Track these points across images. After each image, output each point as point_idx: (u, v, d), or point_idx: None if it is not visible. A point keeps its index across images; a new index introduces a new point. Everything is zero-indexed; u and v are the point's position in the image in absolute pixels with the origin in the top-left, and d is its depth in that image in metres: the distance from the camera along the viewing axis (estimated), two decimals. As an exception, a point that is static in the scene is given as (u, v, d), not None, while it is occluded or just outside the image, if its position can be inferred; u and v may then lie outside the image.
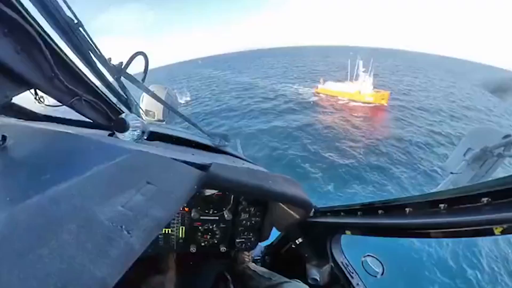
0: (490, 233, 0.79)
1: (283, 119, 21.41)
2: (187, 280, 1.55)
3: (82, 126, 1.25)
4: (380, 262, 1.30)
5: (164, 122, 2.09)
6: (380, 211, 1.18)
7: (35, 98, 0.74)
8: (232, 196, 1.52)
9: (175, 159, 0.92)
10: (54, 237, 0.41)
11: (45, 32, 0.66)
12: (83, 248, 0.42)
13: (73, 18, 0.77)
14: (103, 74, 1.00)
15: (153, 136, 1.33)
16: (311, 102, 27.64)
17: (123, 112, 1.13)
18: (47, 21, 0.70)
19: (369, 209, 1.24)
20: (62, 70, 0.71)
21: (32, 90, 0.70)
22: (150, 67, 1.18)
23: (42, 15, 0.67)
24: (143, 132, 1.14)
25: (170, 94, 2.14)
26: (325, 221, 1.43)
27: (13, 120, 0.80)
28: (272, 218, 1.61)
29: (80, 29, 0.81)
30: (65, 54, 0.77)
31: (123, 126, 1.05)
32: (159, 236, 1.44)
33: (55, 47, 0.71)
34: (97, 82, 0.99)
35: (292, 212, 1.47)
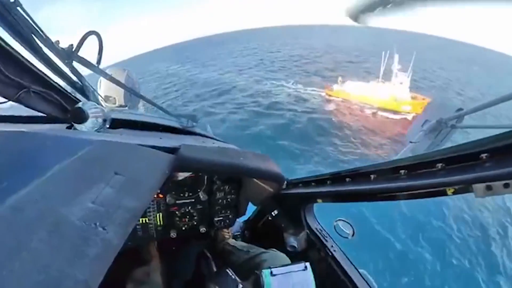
0: (444, 193, 0.92)
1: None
2: (171, 265, 1.57)
3: (34, 122, 1.15)
4: (350, 225, 1.42)
5: (126, 108, 1.99)
6: (347, 179, 1.27)
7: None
8: (206, 176, 1.52)
9: (142, 145, 0.89)
10: (24, 248, 0.39)
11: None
12: (58, 253, 0.40)
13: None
14: (51, 60, 0.90)
15: (116, 124, 1.26)
16: (332, 120, 18.26)
17: (80, 101, 1.04)
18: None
19: (337, 178, 1.33)
20: (1, 60, 0.64)
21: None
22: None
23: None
24: (104, 121, 1.08)
25: (131, 77, 2.00)
26: (297, 192, 1.51)
27: None
28: (247, 194, 1.65)
29: (18, 9, 0.70)
30: (3, 41, 0.68)
31: (81, 116, 0.97)
32: (137, 226, 1.42)
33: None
34: (46, 70, 0.89)
35: (265, 186, 1.52)
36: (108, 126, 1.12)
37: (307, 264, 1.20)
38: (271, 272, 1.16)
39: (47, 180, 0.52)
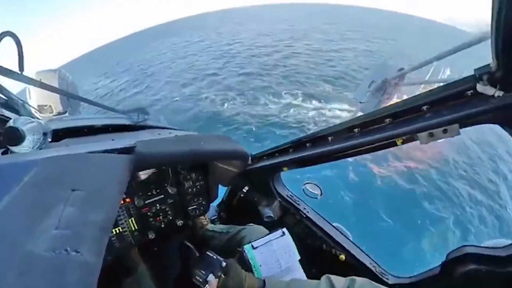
0: (394, 144, 1.06)
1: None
2: (158, 266, 1.56)
3: None
4: (318, 186, 1.53)
5: (66, 114, 1.80)
6: (308, 144, 1.36)
7: None
8: (169, 169, 1.49)
9: (94, 152, 0.84)
10: None
11: None
12: None
13: None
14: None
15: (59, 135, 1.15)
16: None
17: (10, 119, 0.92)
18: None
19: (298, 144, 1.42)
20: None
21: None
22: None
23: None
24: (44, 135, 0.97)
25: (64, 78, 1.78)
26: (263, 165, 1.57)
27: None
28: (215, 177, 1.66)
29: None
30: None
31: (16, 137, 0.86)
32: (112, 239, 1.36)
33: None
34: None
35: (231, 166, 1.54)
36: (50, 139, 1.01)
37: (284, 229, 1.29)
38: (252, 246, 1.22)
39: None
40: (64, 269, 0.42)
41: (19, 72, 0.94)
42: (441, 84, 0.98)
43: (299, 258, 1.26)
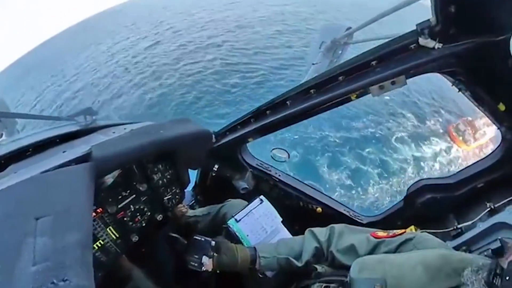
0: (349, 100, 1.14)
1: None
2: (151, 265, 1.54)
3: None
4: (284, 150, 1.62)
5: (3, 137, 1.60)
6: (268, 112, 1.39)
7: None
8: (134, 166, 1.41)
9: (47, 171, 0.78)
10: None
11: None
12: None
13: None
14: None
15: (1, 163, 1.06)
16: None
17: None
18: None
19: (258, 113, 1.44)
20: None
21: None
22: None
23: None
24: None
25: None
26: (228, 140, 1.59)
27: None
28: (183, 162, 1.62)
29: None
30: None
31: None
32: (96, 254, 1.29)
33: None
34: None
35: (196, 147, 1.52)
36: None
37: (261, 197, 1.35)
38: (236, 219, 1.27)
39: None
40: None
41: None
42: (387, 40, 1.05)
43: (281, 219, 1.34)
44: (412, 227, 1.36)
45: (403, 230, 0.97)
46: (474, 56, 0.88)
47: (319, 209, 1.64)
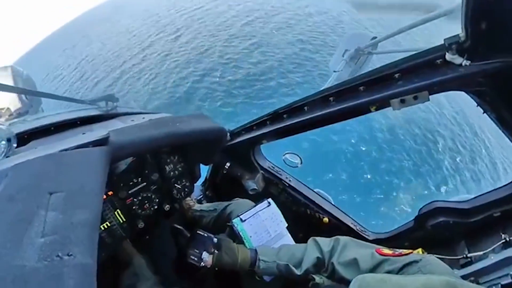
0: (368, 111, 1.11)
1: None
2: (153, 253, 1.56)
3: None
4: (297, 155, 1.59)
5: (28, 114, 1.67)
6: (284, 115, 1.39)
7: None
8: (148, 155, 1.46)
9: (66, 150, 0.81)
10: None
11: None
12: None
13: None
14: None
15: (24, 138, 1.08)
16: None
17: None
18: None
19: (275, 116, 1.44)
20: None
21: None
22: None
23: None
24: (8, 140, 0.91)
25: (18, 74, 1.64)
26: (242, 140, 1.60)
27: None
28: (196, 157, 1.65)
29: None
30: None
31: None
32: (102, 235, 1.32)
33: None
34: None
35: (210, 144, 1.53)
36: (15, 145, 0.95)
37: (269, 200, 1.34)
38: (241, 219, 1.27)
39: None
40: (60, 275, 0.42)
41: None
42: (413, 52, 1.01)
43: (287, 225, 1.33)
44: (420, 249, 1.31)
45: (410, 251, 0.93)
46: (503, 76, 0.84)
47: (325, 219, 1.62)
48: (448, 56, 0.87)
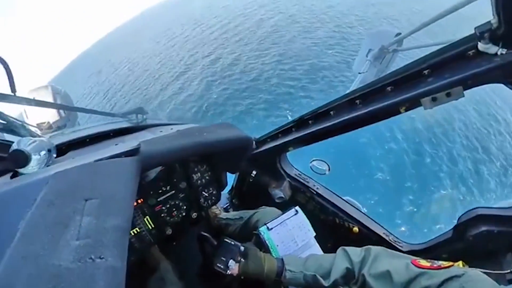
0: (398, 112, 1.03)
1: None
2: (179, 260, 1.60)
3: None
4: (325, 162, 1.54)
5: (66, 127, 1.80)
6: (310, 121, 1.35)
7: None
8: (176, 164, 1.51)
9: (100, 160, 0.85)
10: None
11: None
12: None
13: None
14: None
15: (63, 149, 1.16)
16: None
17: (12, 142, 0.93)
18: None
19: (300, 122, 1.41)
20: None
21: None
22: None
23: None
24: (49, 151, 0.98)
25: (57, 92, 1.79)
26: (268, 147, 1.58)
27: None
28: (222, 166, 1.66)
29: None
30: None
31: (21, 158, 0.86)
32: (131, 240, 1.39)
33: None
34: None
35: (237, 152, 1.54)
36: (55, 155, 1.03)
37: (297, 208, 1.31)
38: (268, 227, 1.25)
39: (19, 240, 0.50)
40: (92, 276, 0.45)
41: (13, 94, 0.93)
42: (442, 46, 0.93)
43: (314, 234, 1.30)
44: (460, 262, 1.20)
45: (450, 263, 0.84)
46: None
47: (355, 229, 1.55)
48: (481, 46, 0.79)
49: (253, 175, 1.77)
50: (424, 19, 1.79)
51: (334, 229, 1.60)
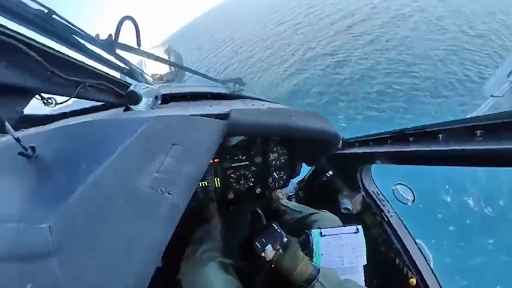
0: None
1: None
2: (229, 223, 1.68)
3: (96, 111, 1.25)
4: (410, 190, 1.32)
5: (174, 82, 2.07)
6: (411, 138, 1.13)
7: (43, 102, 0.73)
8: (258, 138, 1.54)
9: (194, 115, 0.92)
10: (106, 215, 0.49)
11: (21, 35, 0.62)
12: (134, 217, 0.50)
13: (42, 8, 0.71)
14: (96, 53, 0.97)
15: (167, 99, 1.32)
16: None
17: (131, 84, 1.11)
18: (17, 23, 0.65)
19: (399, 137, 1.20)
20: (56, 65, 0.69)
21: (38, 96, 0.69)
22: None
23: (8, 19, 0.64)
24: (156, 98, 1.14)
25: (172, 52, 2.06)
26: (354, 152, 1.44)
27: (33, 130, 0.80)
28: (301, 154, 1.63)
29: (54, 16, 0.75)
30: (52, 48, 0.73)
31: (135, 98, 1.05)
32: (198, 189, 1.51)
33: (39, 45, 0.67)
34: (95, 64, 0.96)
35: (320, 146, 1.47)
36: (160, 102, 1.18)
37: (359, 227, 1.18)
38: (321, 233, 1.17)
39: (116, 158, 0.60)
40: (157, 204, 0.53)
41: (138, 48, 1.12)
42: None
43: (366, 263, 1.13)
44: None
45: None
46: None
47: (413, 280, 1.31)
48: None
49: (329, 175, 1.67)
50: None
51: (389, 268, 1.40)
